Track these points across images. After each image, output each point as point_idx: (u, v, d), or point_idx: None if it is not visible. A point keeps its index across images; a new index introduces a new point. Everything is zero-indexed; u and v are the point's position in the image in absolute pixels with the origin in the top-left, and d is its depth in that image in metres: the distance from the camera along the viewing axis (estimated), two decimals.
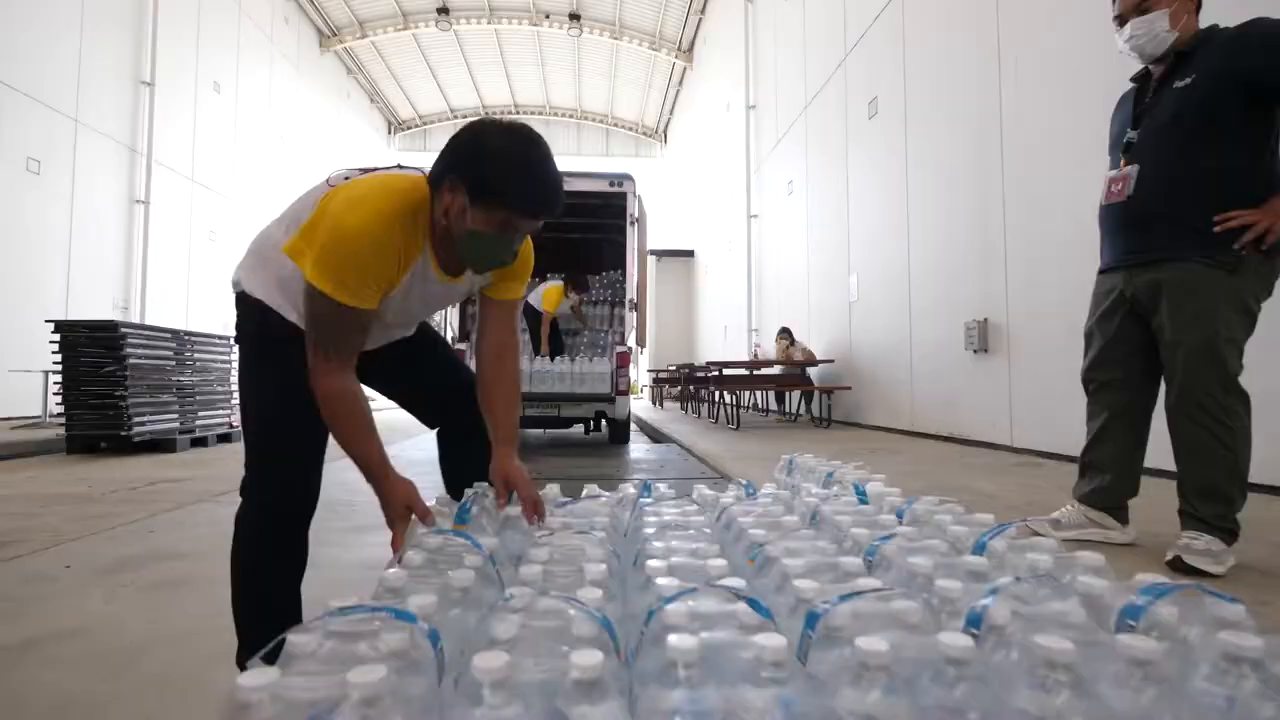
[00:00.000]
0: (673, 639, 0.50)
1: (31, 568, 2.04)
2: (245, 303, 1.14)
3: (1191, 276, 1.62)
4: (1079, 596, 0.68)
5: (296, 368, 1.03)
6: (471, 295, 1.27)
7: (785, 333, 7.48)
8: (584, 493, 1.25)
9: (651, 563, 0.75)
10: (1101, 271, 1.91)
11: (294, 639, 0.53)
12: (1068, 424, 3.69)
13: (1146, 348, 1.78)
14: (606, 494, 1.23)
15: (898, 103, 5.79)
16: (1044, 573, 0.75)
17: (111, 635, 1.53)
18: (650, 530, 0.94)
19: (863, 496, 1.27)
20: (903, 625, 0.59)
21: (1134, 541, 1.85)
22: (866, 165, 6.50)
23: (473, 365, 1.27)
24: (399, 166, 1.15)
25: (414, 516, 1.02)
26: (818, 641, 0.59)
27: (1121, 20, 1.74)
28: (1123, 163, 1.75)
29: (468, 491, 1.16)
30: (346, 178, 1.10)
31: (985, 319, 4.49)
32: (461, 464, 1.31)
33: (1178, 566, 1.58)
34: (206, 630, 1.56)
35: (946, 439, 4.98)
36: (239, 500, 1.19)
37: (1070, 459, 3.68)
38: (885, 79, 6.03)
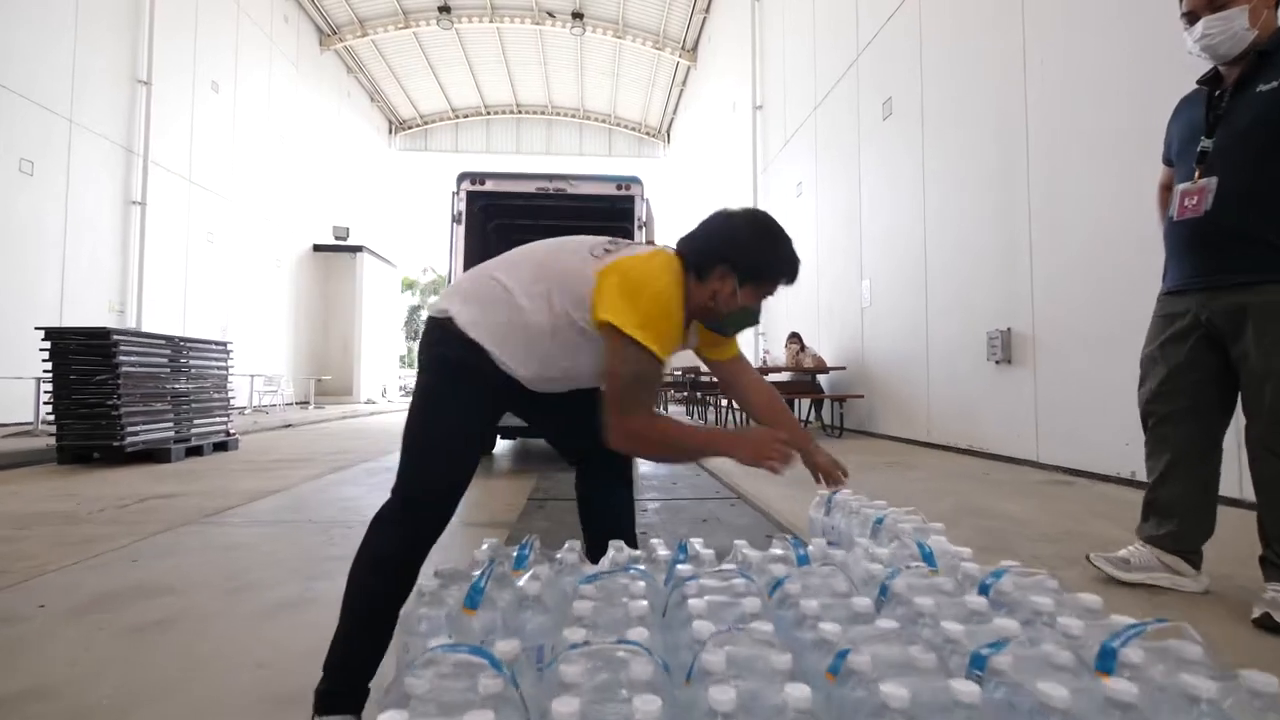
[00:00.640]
0: None
1: (3, 606, 1.89)
2: (453, 334, 1.21)
3: None
4: None
5: (484, 401, 1.23)
6: None
7: (795, 337, 7.32)
8: (609, 555, 1.10)
9: (716, 697, 0.59)
10: (1168, 293, 1.73)
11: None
12: (1099, 440, 3.53)
13: (1221, 376, 1.63)
14: (634, 561, 1.07)
15: (914, 103, 5.63)
16: None
17: (83, 693, 1.37)
18: (698, 621, 0.78)
19: (929, 557, 1.11)
20: None
21: (1208, 590, 1.68)
22: (880, 167, 6.33)
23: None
24: (650, 243, 1.43)
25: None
26: None
27: (1192, 17, 1.58)
28: (1197, 174, 1.58)
29: (480, 551, 1.03)
30: (607, 250, 1.25)
31: (1009, 328, 4.33)
32: (605, 513, 1.40)
33: (1267, 625, 1.42)
34: (191, 684, 1.41)
35: (966, 451, 4.82)
36: (228, 523, 1.16)
37: (1101, 477, 3.53)
38: (901, 78, 5.87)
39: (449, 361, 1.22)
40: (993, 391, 4.54)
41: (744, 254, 1.23)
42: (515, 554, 1.08)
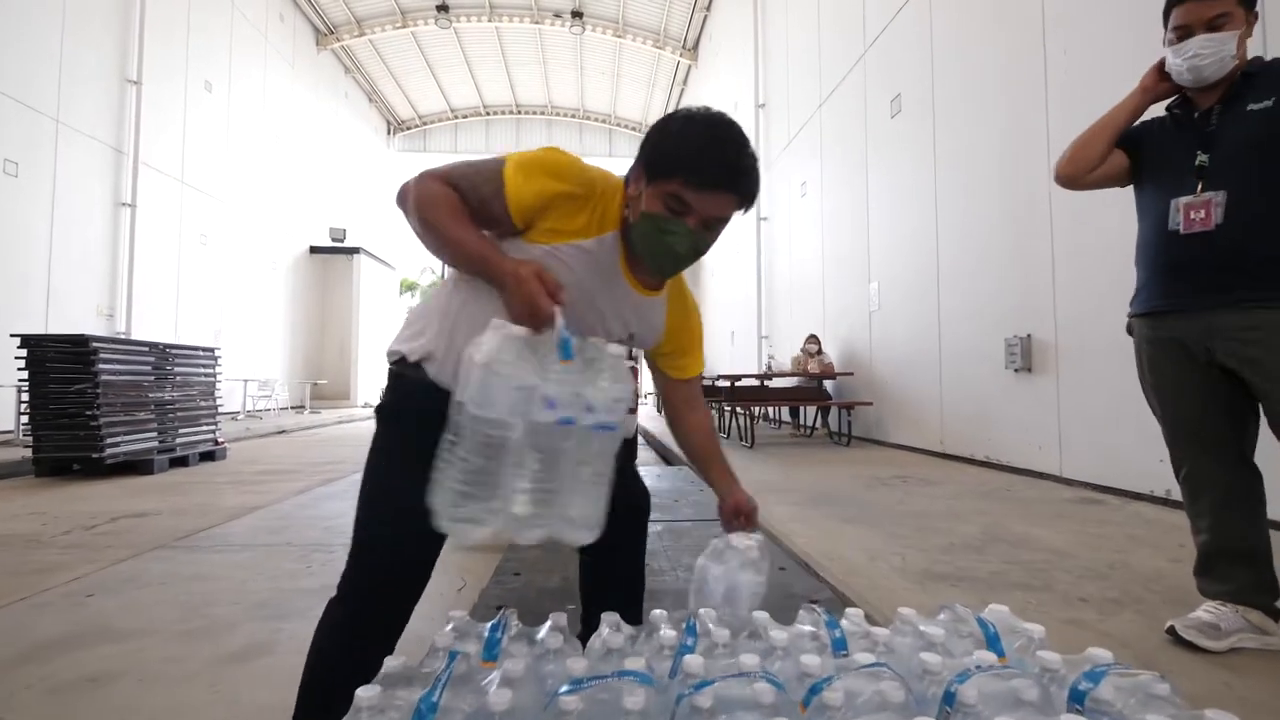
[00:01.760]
0: None
1: None
2: (398, 374, 1.06)
3: None
4: None
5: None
6: (635, 344, 1.18)
7: (814, 339, 7.10)
8: (602, 636, 0.89)
9: None
10: (1161, 313, 1.60)
11: None
12: (1129, 455, 3.32)
13: (1234, 404, 1.54)
14: (628, 647, 0.87)
15: (924, 99, 5.42)
16: None
17: None
18: None
19: (993, 639, 0.90)
20: None
21: None
22: (889, 166, 6.12)
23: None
24: None
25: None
26: None
27: (1185, 32, 1.53)
28: (1200, 187, 1.52)
29: (442, 635, 0.84)
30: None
31: (1029, 334, 4.12)
32: (608, 581, 1.26)
33: None
34: None
35: (983, 464, 4.61)
36: (200, 547, 0.97)
37: (1133, 495, 3.31)
38: (911, 74, 5.66)
39: (386, 412, 1.04)
40: (1012, 401, 4.32)
41: (651, 141, 0.96)
42: (486, 637, 0.88)
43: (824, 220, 7.73)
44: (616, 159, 20.37)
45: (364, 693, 0.71)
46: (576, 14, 15.21)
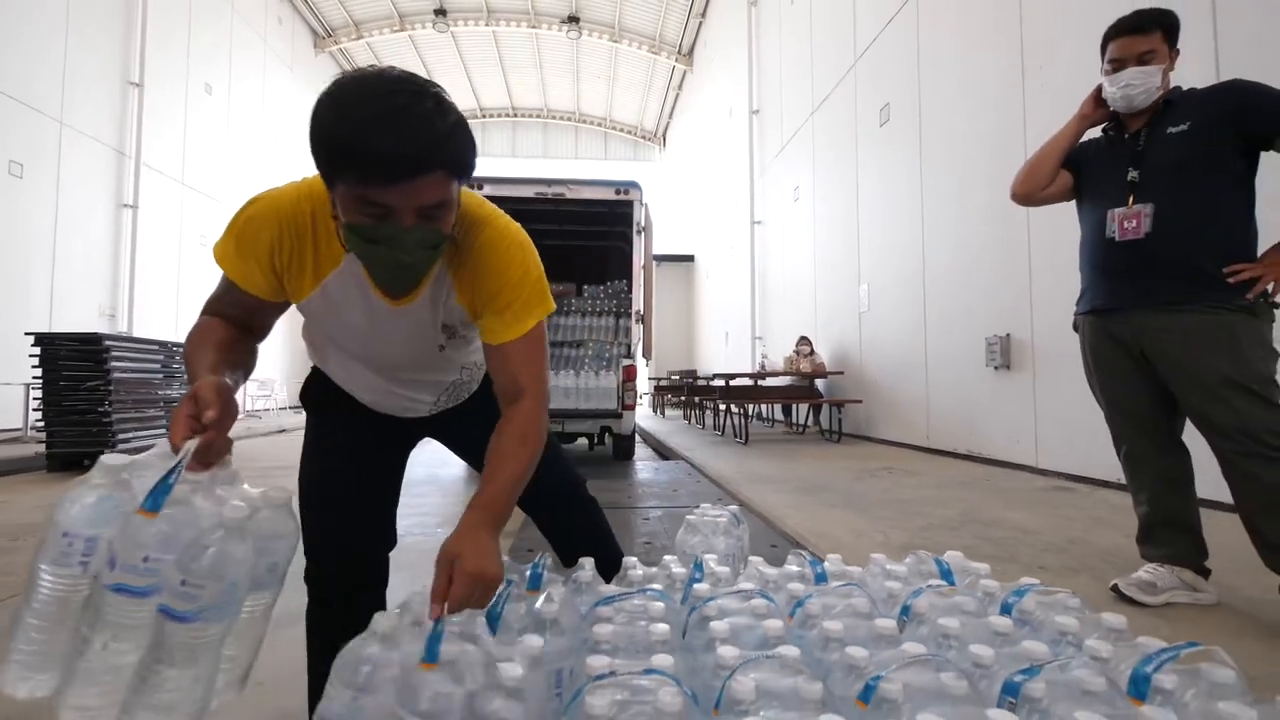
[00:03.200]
0: None
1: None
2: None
3: (1223, 319, 1.62)
4: None
5: (348, 432, 1.11)
6: (459, 332, 1.02)
7: (805, 340, 7.33)
8: (623, 573, 1.08)
9: None
10: (1101, 311, 1.82)
11: None
12: (1096, 446, 3.54)
13: (1162, 392, 1.75)
14: (648, 582, 1.05)
15: (912, 109, 5.65)
16: None
17: None
18: (723, 647, 0.76)
19: (947, 574, 1.10)
20: None
21: (1219, 602, 1.71)
22: (878, 172, 6.35)
23: None
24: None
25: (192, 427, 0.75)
26: None
27: (1119, 65, 1.76)
28: (1131, 200, 1.73)
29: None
30: None
31: (1008, 334, 4.34)
32: (570, 533, 1.25)
33: None
34: None
35: (966, 457, 4.83)
36: None
37: (1100, 483, 3.54)
38: (899, 85, 5.89)
39: (305, 397, 1.17)
40: (993, 397, 4.54)
41: (313, 140, 0.76)
42: (529, 573, 1.05)
43: (816, 224, 7.96)
44: (612, 162, 20.59)
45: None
46: (573, 19, 15.41)
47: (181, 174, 10.24)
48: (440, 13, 15.20)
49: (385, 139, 0.70)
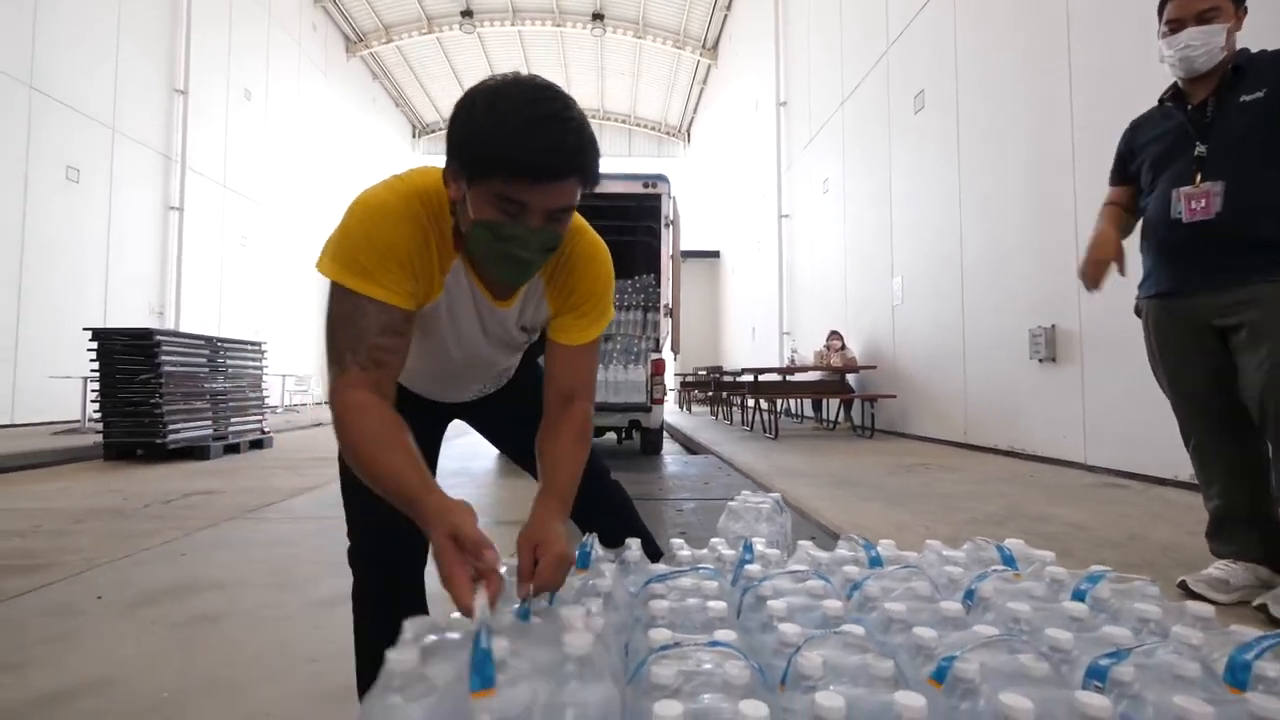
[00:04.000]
0: None
1: (61, 598, 1.93)
2: None
3: None
4: None
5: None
6: (531, 332, 1.07)
7: (836, 335, 7.23)
8: (672, 550, 1.07)
9: (824, 703, 0.56)
10: (1168, 294, 1.74)
11: None
12: (1153, 441, 3.39)
13: (1229, 381, 1.65)
14: (697, 563, 1.04)
15: (948, 94, 5.50)
16: None
17: (143, 687, 1.39)
18: (784, 624, 0.75)
19: (1010, 560, 1.06)
20: None
21: None
22: (911, 161, 6.20)
23: None
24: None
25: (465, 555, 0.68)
26: None
27: (1177, 25, 1.64)
28: (1198, 178, 1.63)
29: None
30: None
31: (1053, 325, 4.20)
32: (600, 517, 1.17)
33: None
34: (245, 679, 1.43)
35: (1007, 453, 4.69)
36: (269, 519, 1.11)
37: (1158, 480, 3.39)
38: (934, 70, 5.74)
39: None
40: (1036, 391, 4.40)
41: (458, 131, 0.78)
42: (578, 552, 1.05)
43: (846, 216, 7.82)
44: (636, 158, 20.56)
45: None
46: (597, 16, 15.43)
47: (223, 177, 10.58)
48: (467, 14, 15.38)
49: (540, 140, 0.74)
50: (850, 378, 7.11)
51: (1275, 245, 1.54)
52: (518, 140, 0.73)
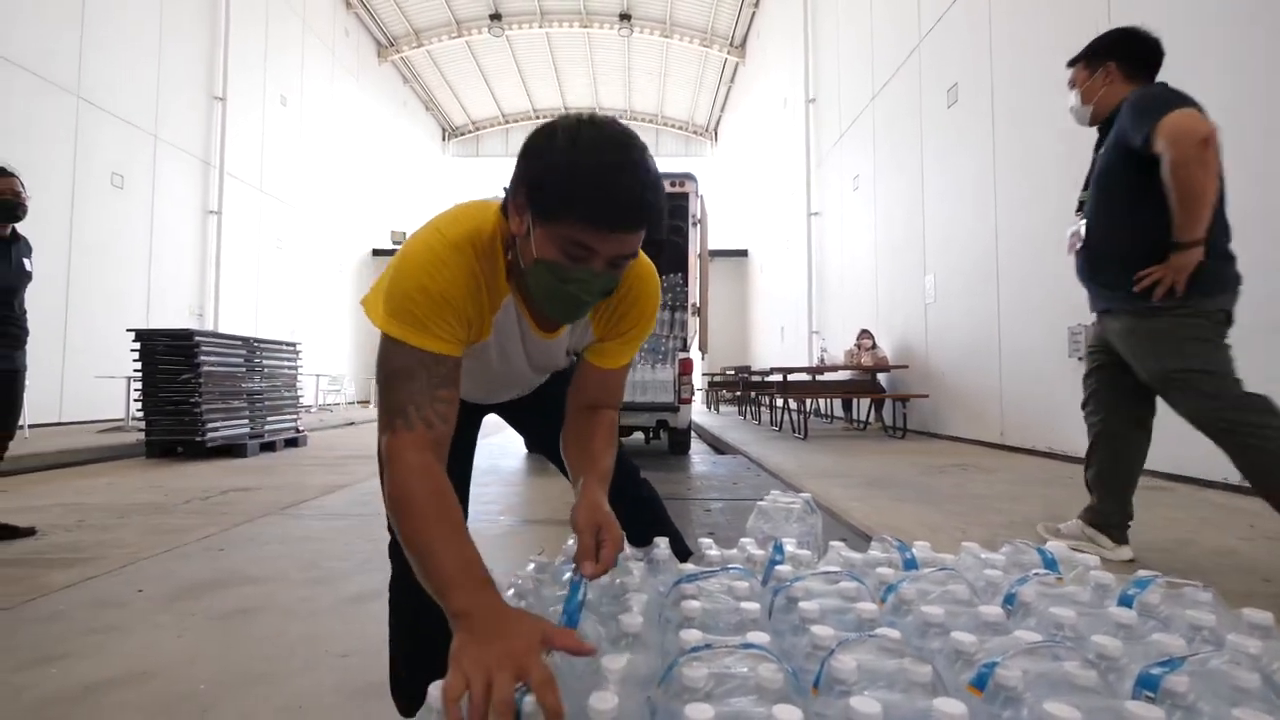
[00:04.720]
0: None
1: (105, 591, 2.00)
2: None
3: (1144, 323, 1.81)
4: None
5: None
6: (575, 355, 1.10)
7: (867, 334, 7.11)
8: (702, 549, 1.05)
9: (860, 709, 0.54)
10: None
11: None
12: (1201, 442, 3.23)
13: (1120, 378, 2.00)
14: (726, 563, 1.02)
15: (983, 89, 5.35)
16: None
17: (181, 678, 1.43)
18: (817, 626, 0.73)
19: (1052, 563, 1.01)
20: None
21: (1132, 560, 1.95)
22: (944, 157, 6.06)
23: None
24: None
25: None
26: None
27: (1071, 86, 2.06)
28: (1078, 216, 1.96)
29: (568, 546, 0.96)
30: None
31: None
32: (633, 516, 1.09)
33: None
34: (280, 672, 1.45)
35: (1046, 455, 4.54)
36: (304, 515, 1.14)
37: (1205, 483, 3.24)
38: (967, 64, 5.59)
39: None
40: (1076, 390, 4.23)
41: (534, 171, 0.77)
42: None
43: (877, 213, 7.68)
44: (663, 158, 20.52)
45: (521, 575, 0.89)
46: (625, 16, 15.45)
47: (260, 181, 10.90)
48: (495, 17, 15.56)
49: (618, 193, 0.75)
50: (881, 377, 6.98)
51: (1113, 278, 1.83)
52: (596, 191, 0.74)
